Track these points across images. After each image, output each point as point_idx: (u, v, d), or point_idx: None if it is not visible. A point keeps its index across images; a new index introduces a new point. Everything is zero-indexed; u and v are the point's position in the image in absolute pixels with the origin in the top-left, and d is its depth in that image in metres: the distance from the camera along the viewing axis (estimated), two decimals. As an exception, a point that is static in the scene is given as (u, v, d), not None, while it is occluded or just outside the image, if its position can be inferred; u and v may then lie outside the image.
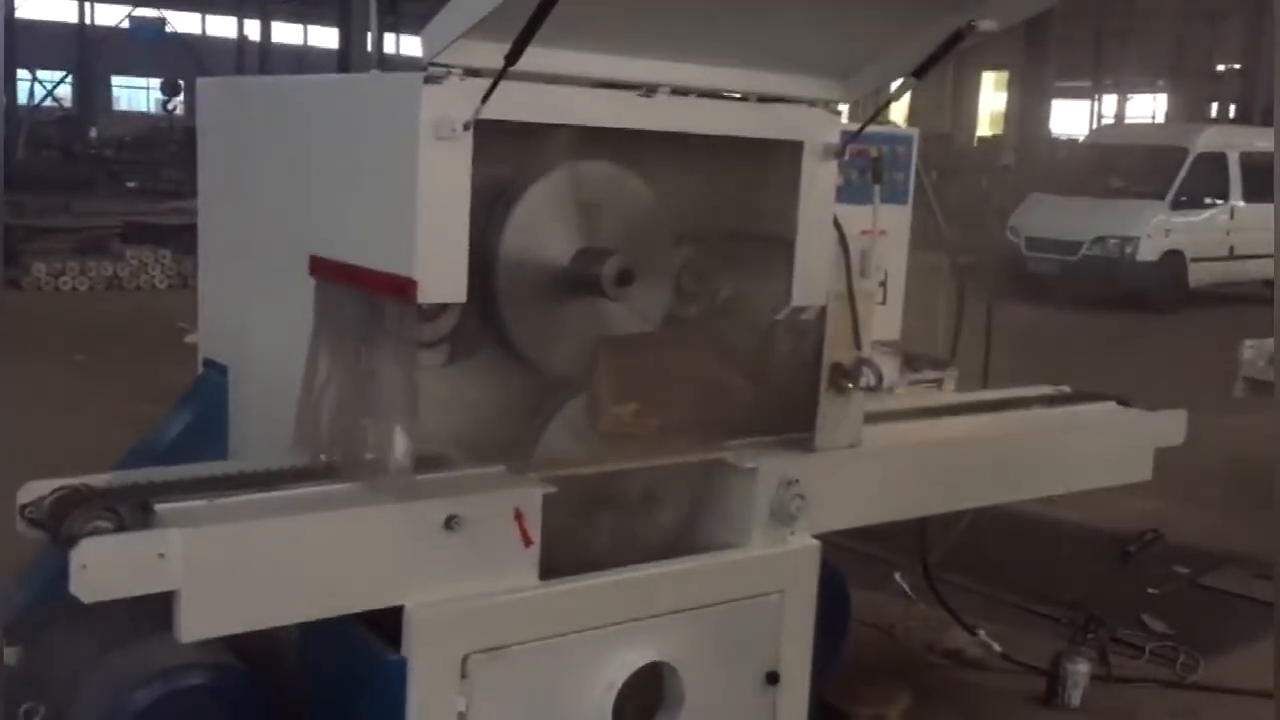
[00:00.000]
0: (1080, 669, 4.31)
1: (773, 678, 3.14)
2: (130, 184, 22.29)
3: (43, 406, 7.36)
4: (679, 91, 2.91)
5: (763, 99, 3.07)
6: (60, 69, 33.35)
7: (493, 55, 2.43)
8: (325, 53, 34.87)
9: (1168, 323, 14.27)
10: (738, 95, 3.06)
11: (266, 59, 39.03)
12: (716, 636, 3.05)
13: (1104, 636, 4.55)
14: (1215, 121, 25.59)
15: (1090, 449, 3.98)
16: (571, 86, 2.77)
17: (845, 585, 3.88)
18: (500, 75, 2.45)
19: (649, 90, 2.85)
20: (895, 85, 3.24)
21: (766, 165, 3.13)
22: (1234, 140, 16.41)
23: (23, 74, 31.07)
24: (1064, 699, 4.30)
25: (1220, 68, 30.77)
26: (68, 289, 12.74)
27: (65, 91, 34.49)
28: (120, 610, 2.41)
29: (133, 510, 2.44)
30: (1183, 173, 15.75)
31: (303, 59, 40.07)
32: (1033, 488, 3.99)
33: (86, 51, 36.13)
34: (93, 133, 31.29)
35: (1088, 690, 4.31)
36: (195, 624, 2.41)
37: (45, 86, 31.18)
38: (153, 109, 37.07)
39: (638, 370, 2.88)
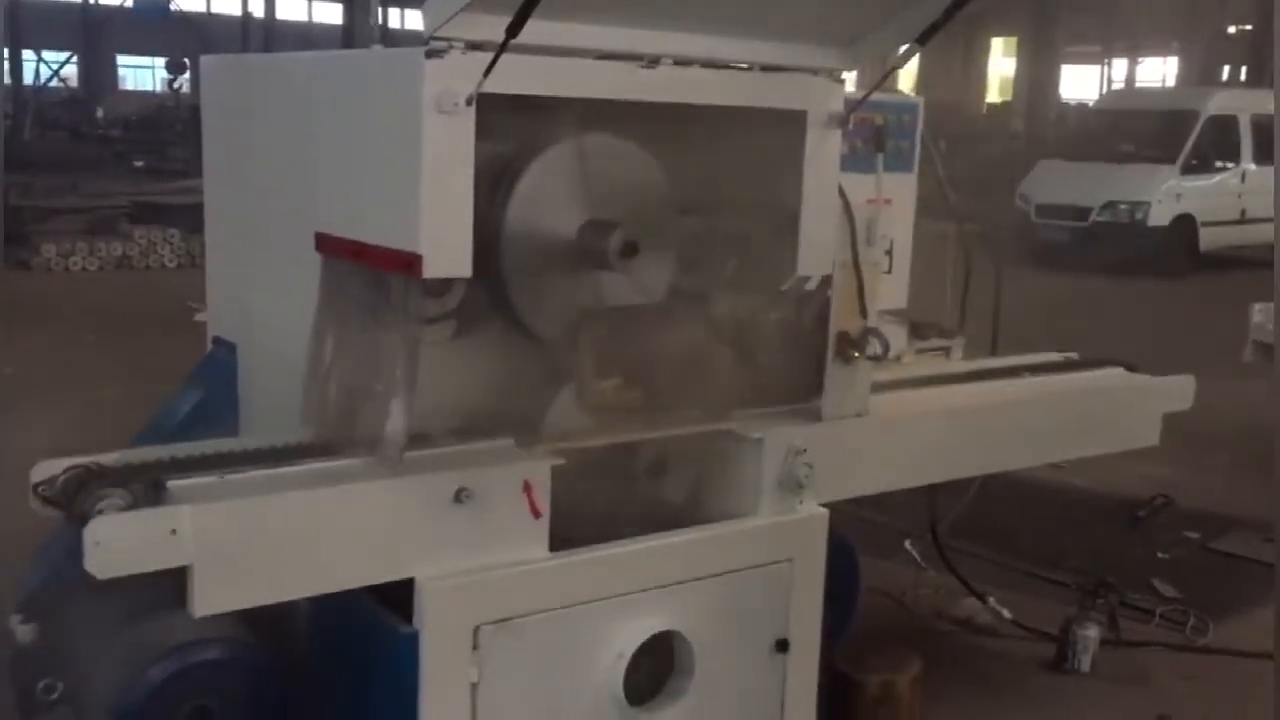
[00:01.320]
0: (1090, 634, 4.33)
1: (782, 645, 3.17)
2: (137, 164, 22.28)
3: (55, 386, 7.40)
4: (682, 62, 2.90)
5: (766, 68, 3.06)
6: (65, 49, 33.29)
7: (494, 28, 2.43)
8: (330, 29, 34.79)
9: (1179, 287, 14.21)
10: (741, 65, 3.05)
11: (271, 36, 38.92)
12: (726, 605, 3.07)
13: (1114, 601, 4.57)
14: (1226, 84, 25.38)
15: (1097, 415, 3.99)
16: (574, 59, 2.76)
17: (854, 553, 3.90)
18: (502, 48, 2.44)
19: (652, 61, 2.84)
20: (899, 52, 3.22)
21: (771, 135, 3.12)
22: (1245, 103, 16.28)
23: (28, 55, 31.04)
24: (1074, 664, 4.32)
25: (1231, 30, 30.48)
26: (77, 269, 12.76)
27: (71, 72, 34.45)
28: (134, 586, 2.43)
29: (145, 487, 2.47)
30: (1193, 136, 15.65)
31: (308, 35, 39.95)
32: (1040, 454, 4.01)
33: (91, 31, 36.05)
34: (99, 113, 31.27)
35: (1098, 655, 4.34)
36: (208, 599, 2.44)
37: (51, 67, 31.15)
38: (158, 88, 36.96)
39: (621, 344, 2.88)
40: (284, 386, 2.85)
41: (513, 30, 2.40)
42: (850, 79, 3.26)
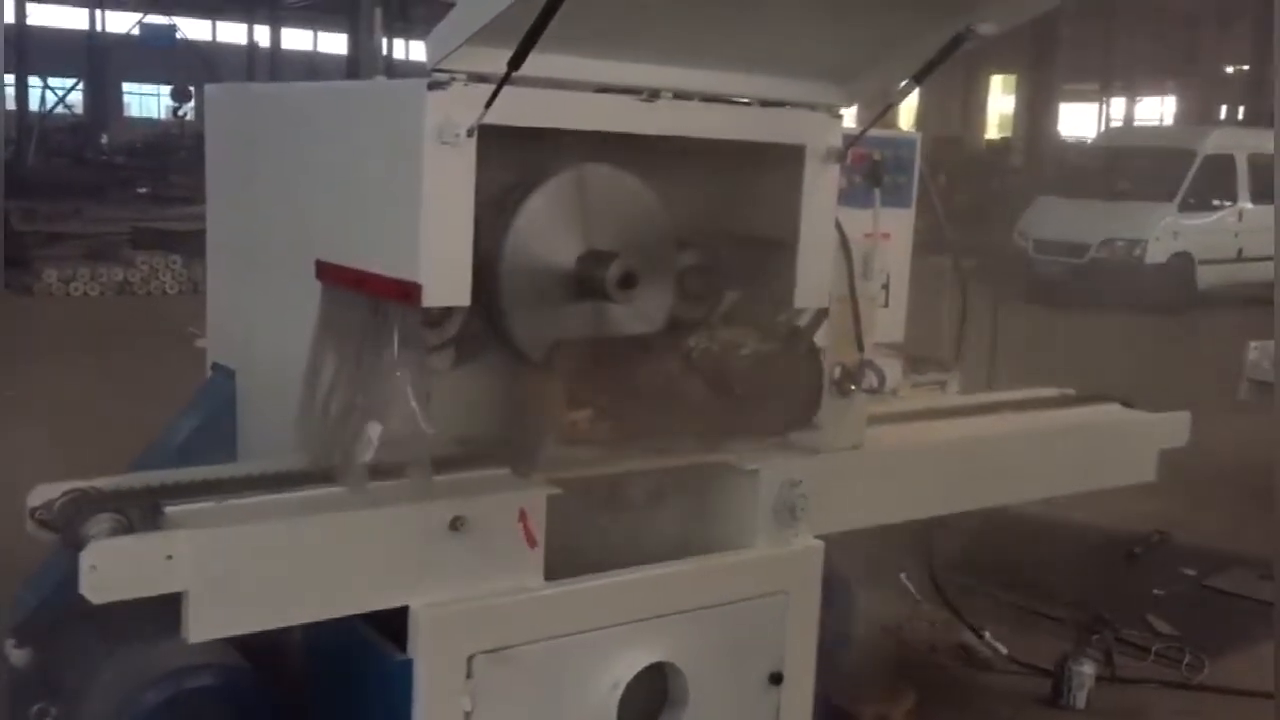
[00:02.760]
0: (1085, 670, 4.32)
1: (777, 678, 3.16)
2: (141, 190, 22.37)
3: (54, 410, 7.40)
4: (681, 96, 2.93)
5: (765, 103, 3.10)
6: (71, 76, 33.48)
7: (497, 61, 2.46)
8: (335, 58, 35.01)
9: (1176, 325, 14.24)
10: (740, 100, 3.08)
11: (276, 65, 39.16)
12: (720, 637, 3.06)
13: (1109, 637, 4.57)
14: (1224, 124, 25.53)
15: (1093, 450, 3.99)
16: (575, 91, 2.79)
17: (849, 585, 3.89)
18: (504, 80, 2.47)
19: (652, 95, 2.88)
20: (897, 89, 3.26)
21: (769, 169, 3.15)
22: (1242, 142, 16.39)
23: (34, 81, 31.22)
24: (1069, 700, 4.31)
25: (1229, 70, 30.69)
26: (79, 294, 12.79)
27: (77, 98, 34.64)
28: (129, 611, 2.43)
29: (142, 512, 2.48)
30: (1191, 175, 15.75)
31: (312, 64, 40.19)
32: (1036, 489, 4.00)
33: (97, 58, 36.26)
34: (104, 139, 31.42)
35: (1093, 691, 4.32)
36: (203, 625, 2.44)
37: (57, 93, 31.33)
38: (163, 115, 37.15)
39: (594, 376, 2.87)
40: (282, 413, 2.85)
41: (515, 63, 2.43)
42: (849, 114, 3.29)
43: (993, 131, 35.45)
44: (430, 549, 2.64)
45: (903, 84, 3.17)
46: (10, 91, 30.59)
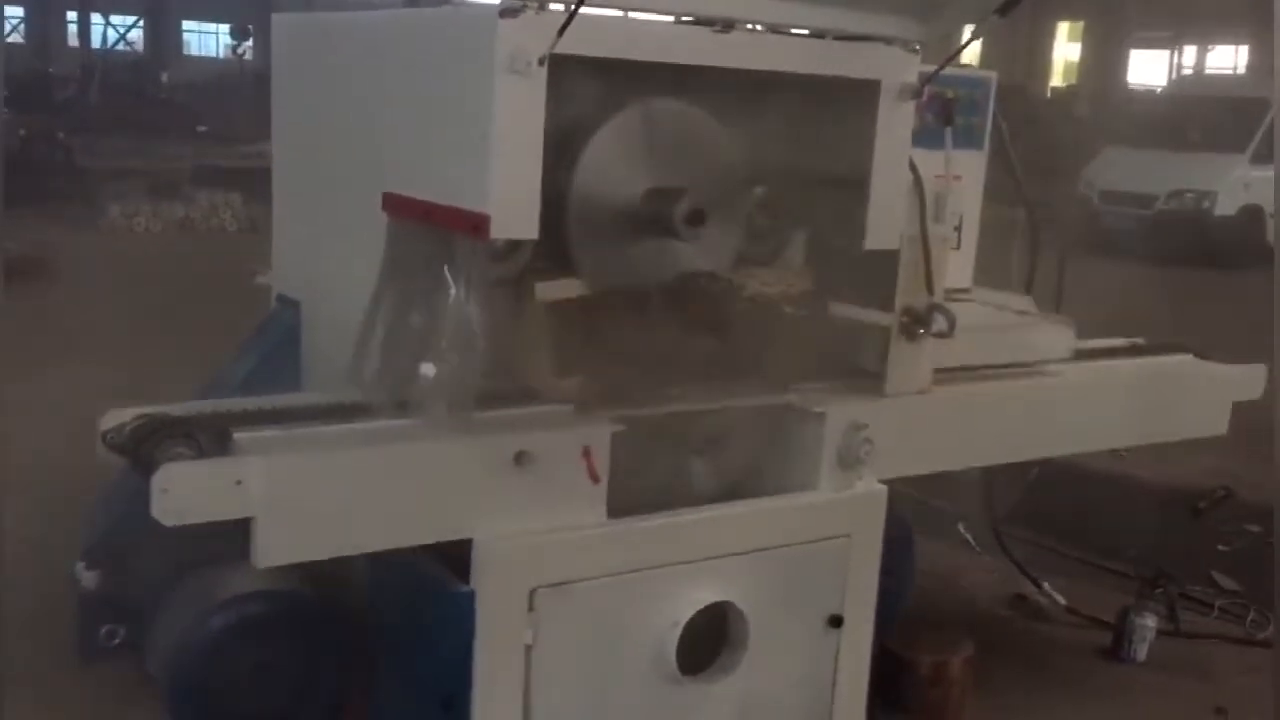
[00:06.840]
0: (1147, 623, 4.27)
1: (836, 621, 3.15)
2: (201, 128, 22.50)
3: (118, 339, 7.49)
4: (756, 28, 2.87)
5: (840, 37, 3.02)
6: (132, 14, 33.67)
7: (569, -12, 2.41)
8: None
9: (1245, 278, 13.90)
10: (816, 32, 3.00)
11: (335, 6, 39.08)
12: (782, 579, 3.05)
13: (1173, 592, 4.50)
14: (1300, 73, 24.76)
15: (1165, 401, 3.91)
16: (647, 22, 2.74)
17: (910, 532, 3.86)
18: (576, 8, 2.42)
19: (726, 26, 2.81)
20: (978, 24, 3.17)
21: (843, 105, 3.08)
22: (1320, 92, 15.88)
23: (96, 18, 31.46)
24: (1130, 652, 4.27)
25: (1308, 17, 29.64)
26: (141, 230, 12.97)
27: (137, 36, 34.84)
28: (197, 536, 2.46)
29: (211, 438, 2.49)
30: (1264, 125, 15.28)
31: (370, 4, 40.07)
32: (1103, 439, 3.94)
33: (158, -5, 36.39)
34: (164, 77, 31.60)
35: (1154, 645, 4.28)
36: (270, 551, 2.46)
37: (118, 31, 31.53)
38: (222, 54, 37.30)
39: (582, 337, 2.80)
40: (347, 345, 2.85)
41: (588, -10, 2.38)
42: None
43: (1058, 79, 34.68)
44: (495, 483, 2.65)
45: (984, 19, 3.07)
46: (73, 29, 30.84)
